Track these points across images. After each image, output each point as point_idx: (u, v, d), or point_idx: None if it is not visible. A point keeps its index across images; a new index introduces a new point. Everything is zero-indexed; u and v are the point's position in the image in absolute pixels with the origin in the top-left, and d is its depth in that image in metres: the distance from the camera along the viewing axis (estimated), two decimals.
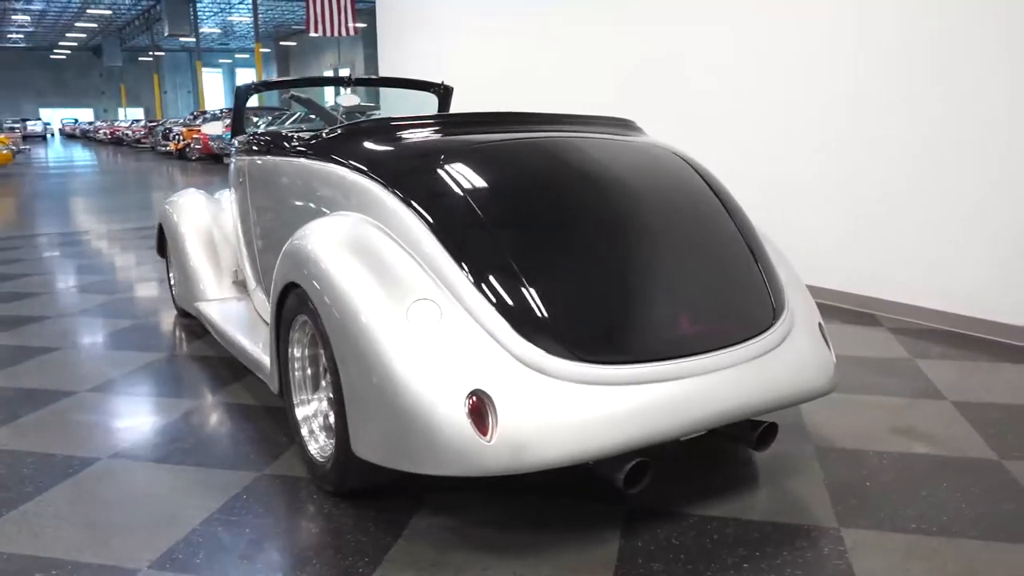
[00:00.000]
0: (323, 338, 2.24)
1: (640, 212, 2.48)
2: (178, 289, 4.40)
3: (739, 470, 2.60)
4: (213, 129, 20.87)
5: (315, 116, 4.58)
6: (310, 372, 2.60)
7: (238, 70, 67.71)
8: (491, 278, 2.14)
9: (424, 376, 1.99)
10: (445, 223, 2.26)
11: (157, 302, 5.07)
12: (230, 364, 3.69)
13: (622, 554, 2.10)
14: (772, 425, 2.42)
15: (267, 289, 3.32)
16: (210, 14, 48.73)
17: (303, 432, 2.56)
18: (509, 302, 2.11)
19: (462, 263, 2.16)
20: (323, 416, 2.54)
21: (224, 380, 3.52)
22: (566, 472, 2.38)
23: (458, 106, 5.05)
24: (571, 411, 2.00)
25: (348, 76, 4.24)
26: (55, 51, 61.69)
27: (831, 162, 4.76)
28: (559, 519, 2.28)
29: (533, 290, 2.13)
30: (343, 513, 2.32)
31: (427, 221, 2.26)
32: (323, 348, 2.28)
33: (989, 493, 2.42)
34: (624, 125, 3.06)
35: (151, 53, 51.05)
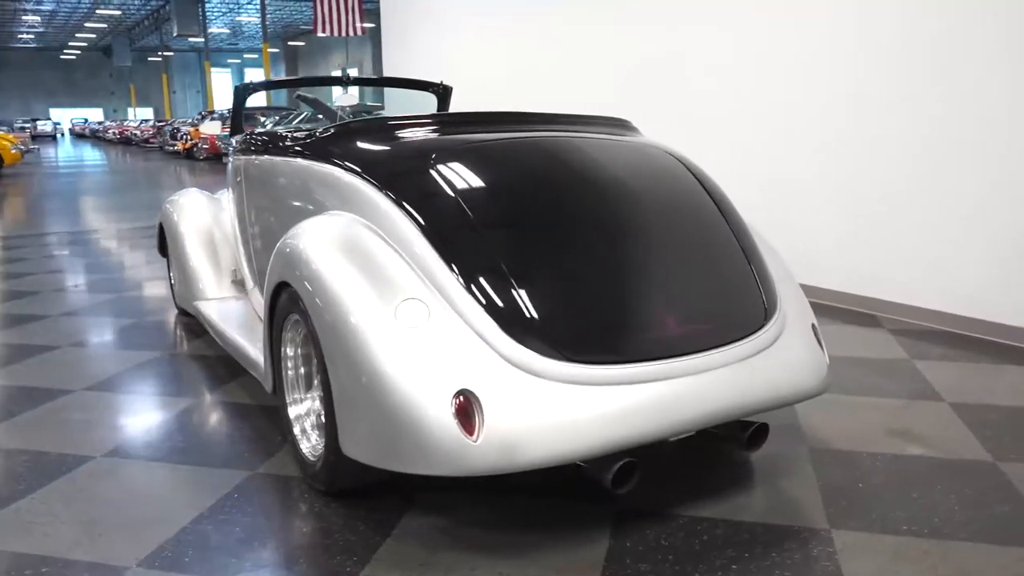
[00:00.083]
0: (313, 337, 2.25)
1: (633, 212, 2.47)
2: (178, 288, 4.41)
3: (732, 471, 2.59)
4: (211, 129, 20.95)
5: (322, 116, 4.59)
6: (303, 371, 2.61)
7: (247, 70, 67.97)
8: (481, 279, 2.14)
9: (411, 376, 1.99)
10: (436, 225, 2.26)
11: (159, 301, 5.09)
12: (228, 363, 3.70)
13: (610, 554, 2.10)
14: (763, 426, 2.41)
15: (264, 288, 3.33)
16: (219, 14, 48.94)
17: (295, 431, 2.56)
18: (498, 303, 2.10)
19: (452, 265, 2.16)
20: (315, 415, 2.55)
21: (221, 379, 3.53)
22: (557, 472, 2.38)
23: (462, 105, 5.06)
24: (559, 411, 1.99)
25: (347, 76, 4.24)
26: (65, 51, 62.03)
27: (831, 162, 4.74)
28: (549, 519, 2.28)
29: (523, 291, 2.13)
30: (333, 512, 2.33)
31: (418, 222, 2.26)
32: (313, 347, 2.29)
33: (983, 495, 2.41)
34: (620, 125, 3.06)
35: (160, 53, 51.27)
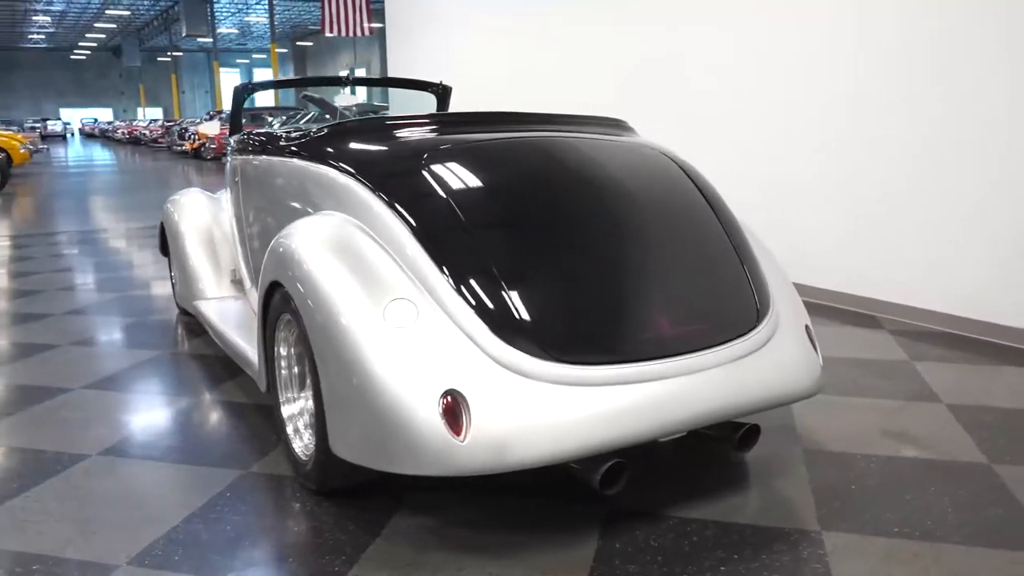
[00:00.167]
0: (304, 337, 2.26)
1: (625, 212, 2.47)
2: (179, 288, 4.43)
3: (725, 472, 2.59)
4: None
5: (328, 115, 4.62)
6: (296, 370, 2.61)
7: (255, 70, 68.21)
8: (471, 280, 2.14)
9: (399, 376, 1.99)
10: (427, 226, 2.25)
11: (161, 300, 5.11)
12: (226, 362, 3.71)
13: (599, 555, 2.09)
14: (754, 427, 2.40)
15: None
16: (227, 15, 49.12)
17: (288, 430, 2.57)
18: (488, 304, 2.10)
19: (443, 267, 2.16)
20: (308, 414, 2.55)
21: (219, 378, 3.54)
22: (548, 473, 2.38)
23: (466, 104, 5.06)
24: (547, 411, 1.99)
25: (346, 76, 4.25)
26: (75, 51, 62.38)
27: (831, 162, 4.72)
28: (539, 520, 2.28)
29: (513, 291, 2.13)
30: (324, 512, 2.33)
31: (410, 224, 2.26)
32: (304, 347, 2.29)
33: (976, 498, 2.39)
34: (615, 125, 3.05)
35: (169, 53, 51.51)
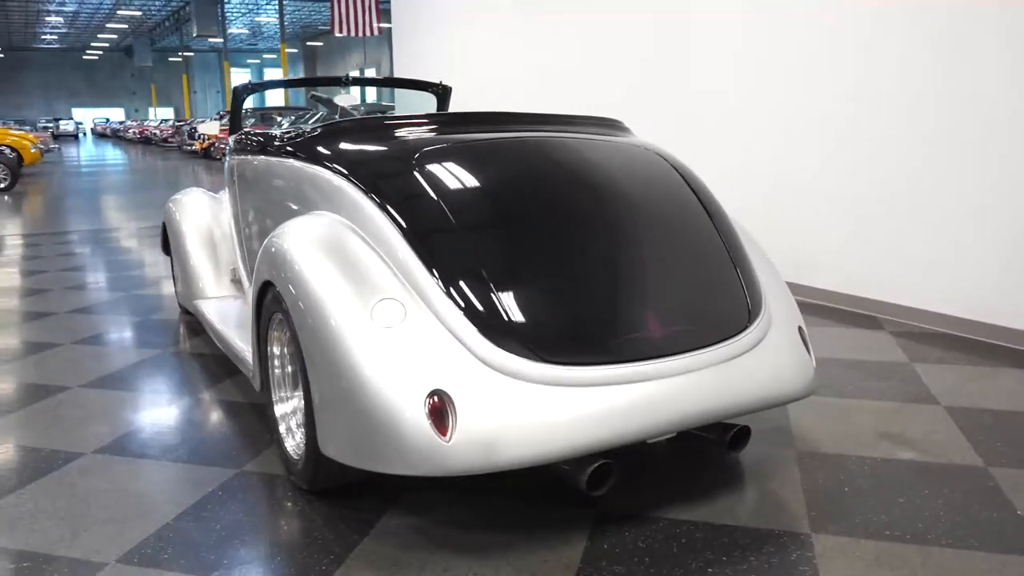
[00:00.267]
0: (294, 337, 2.26)
1: (616, 212, 2.46)
2: (180, 287, 4.45)
3: (718, 473, 2.58)
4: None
5: (337, 115, 4.62)
6: (289, 370, 2.62)
7: (266, 70, 68.48)
8: (460, 281, 2.14)
9: (385, 376, 1.99)
10: (418, 228, 2.25)
11: (164, 299, 5.14)
12: (224, 362, 3.73)
13: (586, 556, 2.09)
14: (744, 428, 2.39)
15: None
16: (238, 15, 49.32)
17: (280, 429, 2.58)
18: (477, 306, 2.10)
19: (432, 268, 2.16)
20: (300, 413, 2.56)
21: (217, 377, 3.56)
22: (541, 475, 2.38)
23: (470, 103, 5.09)
24: (535, 412, 1.99)
25: (346, 76, 4.26)
26: (87, 52, 62.79)
27: (832, 162, 4.70)
28: (529, 521, 2.28)
29: (502, 293, 2.13)
30: (315, 511, 2.34)
31: (400, 226, 2.26)
32: (295, 347, 2.30)
33: (969, 500, 2.38)
34: (610, 125, 3.05)
35: (180, 53, 51.76)
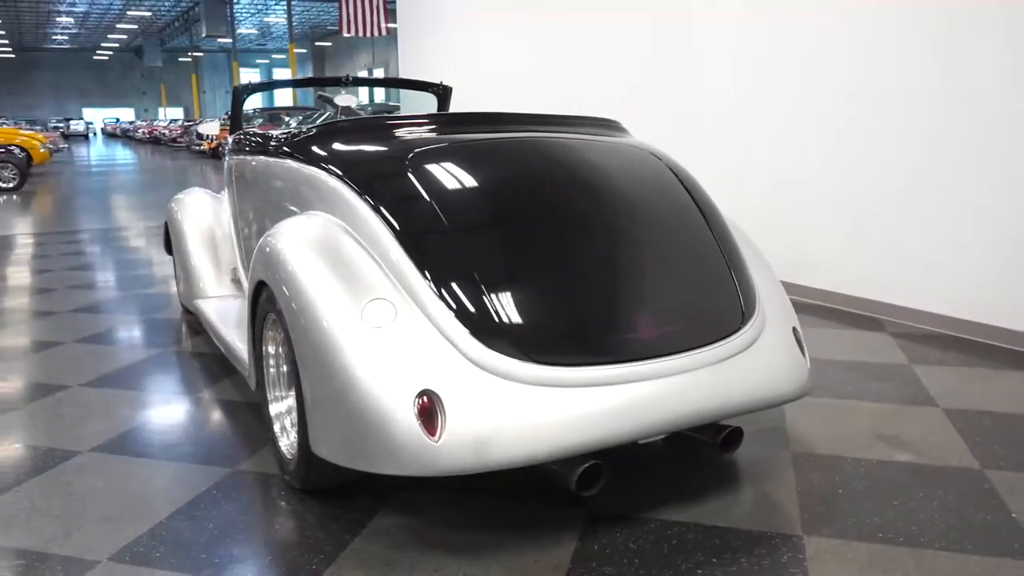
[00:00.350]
0: (287, 337, 2.27)
1: (609, 212, 2.46)
2: (182, 287, 4.47)
3: (711, 474, 2.57)
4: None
5: (344, 115, 4.63)
6: (284, 369, 2.62)
7: (275, 70, 68.69)
8: (452, 284, 2.14)
9: (375, 376, 2.00)
10: (410, 229, 2.25)
11: (167, 299, 5.16)
12: (224, 361, 3.74)
13: (576, 556, 2.09)
14: (736, 429, 2.39)
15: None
16: (247, 15, 49.48)
17: (275, 428, 2.59)
18: (468, 307, 2.10)
19: (425, 271, 2.16)
20: (294, 413, 2.56)
21: (217, 377, 3.57)
22: (533, 474, 2.38)
23: (474, 103, 5.09)
24: (525, 412, 1.99)
25: (346, 76, 4.27)
26: (98, 52, 63.11)
27: (832, 162, 4.68)
28: (521, 521, 2.28)
29: (493, 294, 2.13)
30: (307, 510, 2.34)
31: (393, 228, 2.26)
32: (289, 346, 2.30)
33: (964, 503, 2.36)
34: (606, 125, 3.04)
35: (190, 54, 51.98)
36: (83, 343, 4.14)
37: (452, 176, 2.41)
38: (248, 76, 61.91)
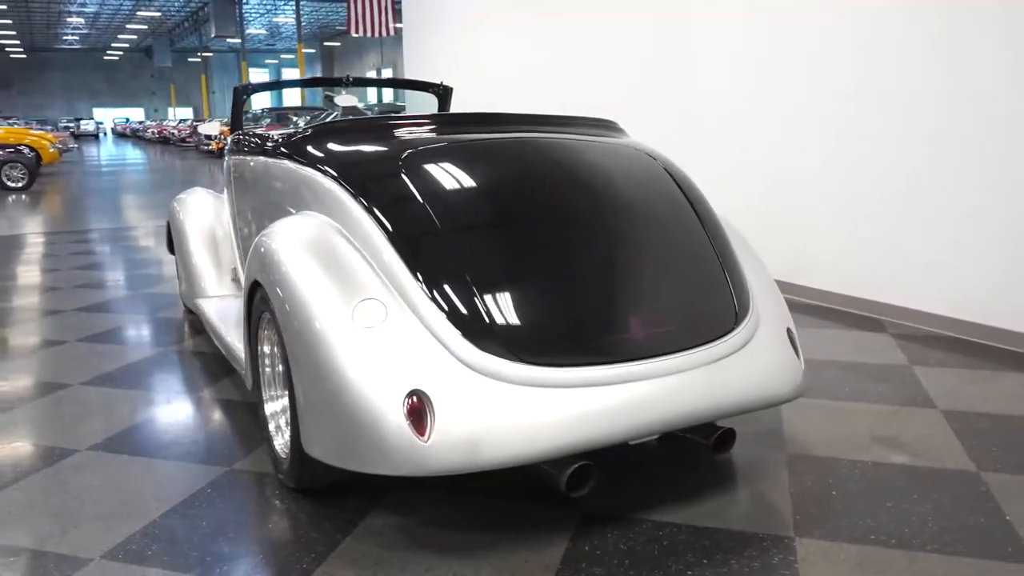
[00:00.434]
0: (280, 337, 2.28)
1: (603, 213, 2.46)
2: (183, 286, 4.49)
3: (705, 475, 2.57)
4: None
5: (350, 115, 4.65)
6: (280, 369, 2.63)
7: (284, 70, 68.91)
8: (444, 285, 2.14)
9: (365, 376, 2.00)
10: (403, 231, 2.26)
11: (170, 298, 5.19)
12: (224, 360, 3.76)
13: (567, 557, 2.09)
14: (729, 431, 2.38)
15: None
16: (256, 15, 49.65)
17: (270, 427, 2.60)
18: (459, 307, 2.11)
19: (417, 272, 2.16)
20: (288, 412, 2.57)
21: (216, 376, 3.59)
22: (524, 474, 2.38)
23: (476, 103, 5.10)
24: (515, 413, 1.99)
25: (346, 77, 4.28)
26: (108, 52, 63.45)
27: (832, 163, 4.66)
28: (512, 522, 2.28)
29: (485, 295, 2.13)
30: (301, 509, 2.35)
31: (386, 229, 2.27)
32: (282, 347, 2.31)
33: (959, 506, 2.35)
34: (603, 126, 3.04)
35: (199, 54, 52.19)
36: (86, 342, 4.16)
37: (445, 177, 2.42)
38: (257, 76, 62.12)
